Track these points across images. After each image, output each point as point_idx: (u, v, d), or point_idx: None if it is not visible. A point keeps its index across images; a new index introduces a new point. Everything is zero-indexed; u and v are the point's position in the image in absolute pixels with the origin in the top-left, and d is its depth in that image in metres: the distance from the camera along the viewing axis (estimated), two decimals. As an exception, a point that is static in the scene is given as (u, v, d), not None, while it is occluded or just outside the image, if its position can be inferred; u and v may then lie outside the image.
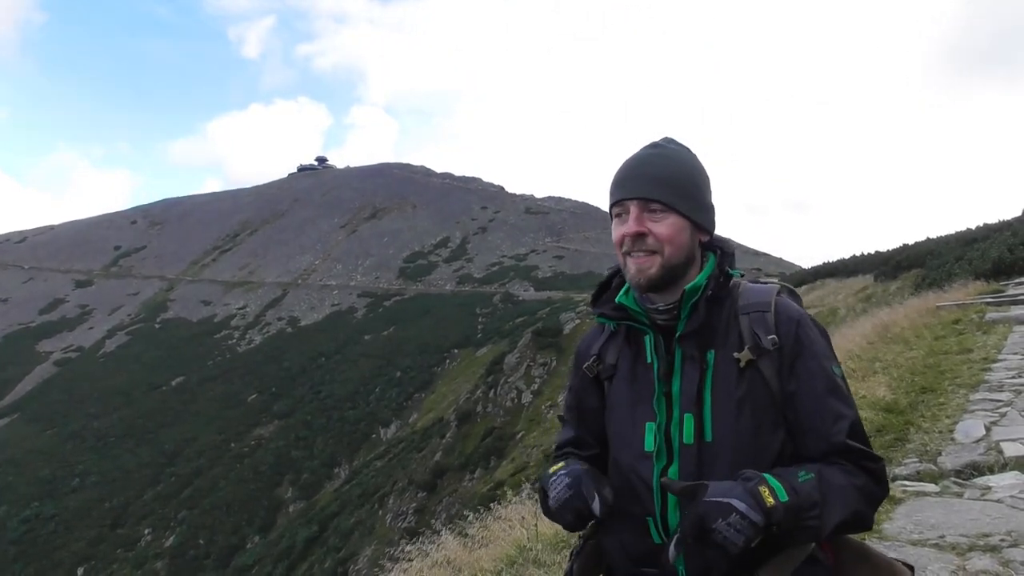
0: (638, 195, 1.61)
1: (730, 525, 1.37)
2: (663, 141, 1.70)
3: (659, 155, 1.65)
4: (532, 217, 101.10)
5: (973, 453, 4.77)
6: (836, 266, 33.10)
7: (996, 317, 10.18)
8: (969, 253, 19.58)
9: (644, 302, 1.65)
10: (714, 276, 1.62)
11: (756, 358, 1.54)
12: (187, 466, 48.86)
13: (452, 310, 67.97)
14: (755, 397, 1.54)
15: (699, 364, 1.57)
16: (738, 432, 1.52)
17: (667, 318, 1.62)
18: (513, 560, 4.63)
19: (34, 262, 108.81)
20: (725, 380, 1.55)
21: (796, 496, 1.41)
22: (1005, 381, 6.62)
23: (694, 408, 1.55)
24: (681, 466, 1.54)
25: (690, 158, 1.67)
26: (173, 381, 64.93)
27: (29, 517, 45.57)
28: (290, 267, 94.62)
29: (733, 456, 1.51)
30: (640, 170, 1.63)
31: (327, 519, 34.71)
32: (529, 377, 33.27)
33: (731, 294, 1.63)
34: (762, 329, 1.56)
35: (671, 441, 1.57)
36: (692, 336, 1.59)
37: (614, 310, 1.70)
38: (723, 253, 1.67)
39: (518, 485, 7.87)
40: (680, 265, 1.61)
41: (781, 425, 1.55)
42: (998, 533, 3.51)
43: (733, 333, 1.58)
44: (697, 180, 1.65)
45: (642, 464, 1.59)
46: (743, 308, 1.60)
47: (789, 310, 1.60)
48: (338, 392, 54.41)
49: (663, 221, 1.59)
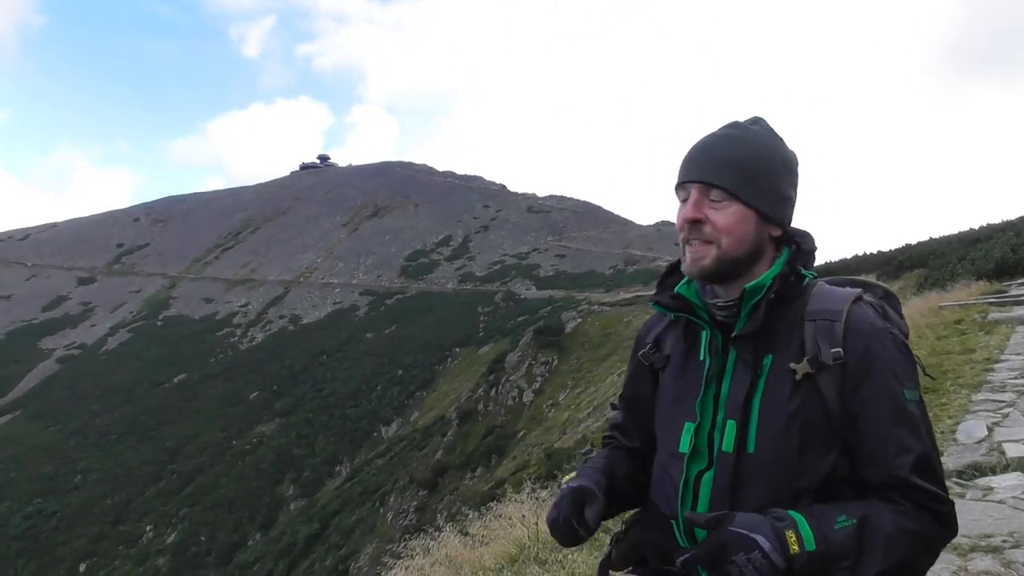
0: (699, 179, 1.47)
1: (750, 561, 1.29)
2: (748, 121, 1.55)
3: (733, 136, 1.50)
4: (534, 216, 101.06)
5: (975, 454, 4.76)
6: (838, 266, 33.03)
7: (999, 317, 10.15)
8: (972, 253, 19.53)
9: (706, 295, 1.54)
10: (782, 275, 1.47)
11: (815, 372, 1.40)
12: (189, 463, 48.90)
13: (454, 308, 67.97)
14: (808, 413, 1.41)
15: (752, 369, 1.46)
16: (782, 448, 1.41)
17: (727, 315, 1.50)
18: (514, 558, 4.63)
19: (37, 259, 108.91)
20: (778, 390, 1.43)
21: (826, 546, 1.31)
22: (1008, 381, 6.60)
23: (739, 415, 1.44)
24: (716, 475, 1.45)
25: (770, 142, 1.52)
26: (175, 378, 64.99)
27: (31, 514, 45.62)
28: (292, 265, 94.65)
29: (772, 472, 1.41)
30: (707, 152, 1.49)
31: (328, 517, 34.71)
32: (531, 376, 33.27)
33: (802, 296, 1.49)
34: (826, 341, 1.42)
35: (712, 446, 1.48)
36: (749, 338, 1.46)
37: (672, 299, 1.57)
38: (799, 250, 1.52)
39: (519, 484, 7.86)
40: (741, 259, 1.47)
41: (835, 447, 1.42)
42: (1000, 534, 3.50)
43: (795, 340, 1.45)
44: (773, 166, 1.50)
45: (674, 464, 1.53)
46: (810, 314, 1.46)
47: (862, 322, 1.44)
48: (340, 390, 54.44)
49: (724, 210, 1.46)
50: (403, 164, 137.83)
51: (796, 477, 1.41)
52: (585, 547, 4.22)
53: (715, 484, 1.45)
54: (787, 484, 1.41)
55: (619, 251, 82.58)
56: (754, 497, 1.41)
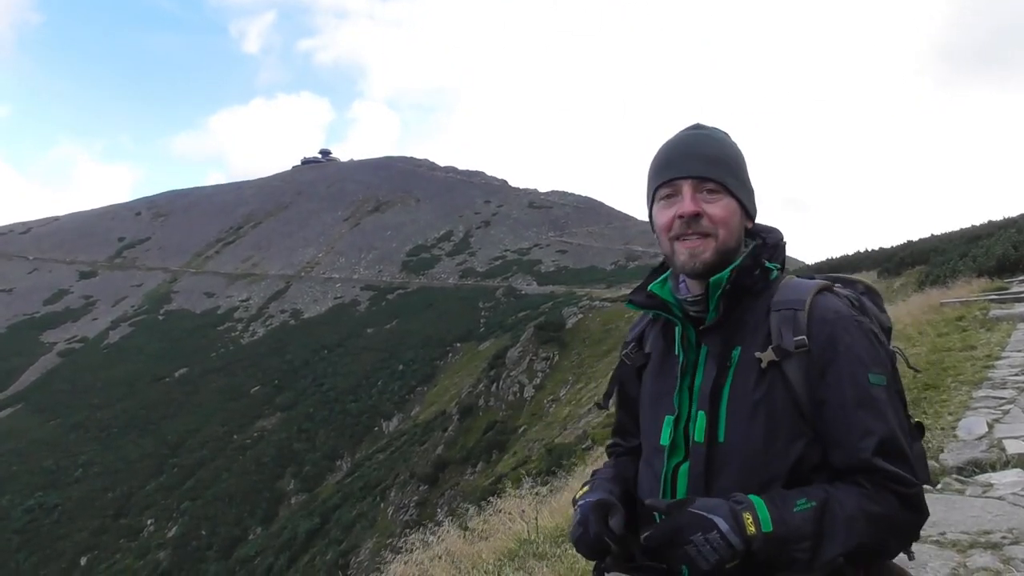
0: (693, 174, 1.51)
1: (707, 541, 1.32)
2: (698, 125, 1.61)
3: (707, 136, 1.57)
4: (535, 211, 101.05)
5: (975, 450, 4.75)
6: (839, 263, 33.03)
7: (1000, 314, 10.14)
8: (974, 250, 19.51)
9: (679, 292, 1.58)
10: (743, 267, 1.51)
11: (780, 359, 1.44)
12: (190, 457, 48.99)
13: (455, 304, 68.01)
14: (774, 401, 1.44)
15: (720, 361, 1.50)
16: (751, 436, 1.44)
17: (698, 309, 1.54)
18: (514, 553, 4.63)
19: (38, 253, 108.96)
20: (745, 380, 1.47)
21: (783, 527, 1.33)
22: (1008, 378, 6.60)
23: (708, 406, 1.48)
24: (691, 465, 1.49)
25: (733, 141, 1.60)
26: (176, 372, 65.07)
27: (32, 507, 45.74)
28: (293, 260, 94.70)
29: (743, 460, 1.44)
30: (692, 150, 1.54)
31: (329, 511, 34.78)
32: (531, 371, 33.30)
33: (770, 288, 1.53)
34: (789, 329, 1.45)
35: (688, 438, 1.51)
36: (716, 330, 1.51)
37: (646, 298, 1.62)
38: (763, 243, 1.57)
39: (519, 479, 7.88)
40: (732, 251, 1.52)
41: (805, 434, 1.44)
42: (999, 530, 3.50)
43: (762, 331, 1.49)
44: (743, 162, 1.58)
45: (657, 458, 1.56)
46: (775, 304, 1.50)
47: (826, 310, 1.48)
48: (340, 385, 54.50)
49: (718, 202, 1.50)
50: (404, 159, 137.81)
51: (766, 464, 1.44)
52: None
53: (690, 474, 1.49)
54: (758, 472, 1.44)
55: (620, 247, 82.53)
56: (727, 485, 1.44)
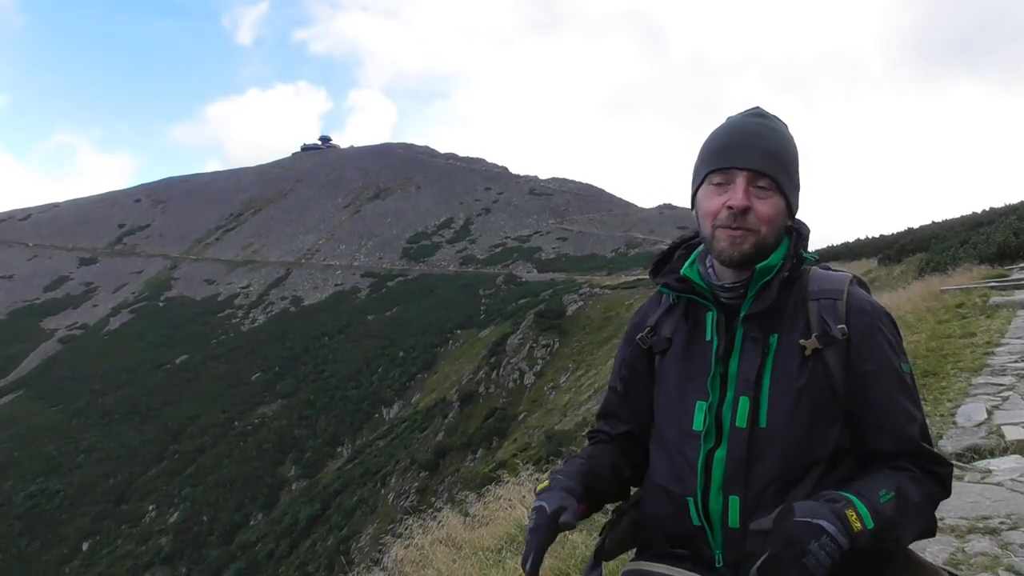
0: (750, 167, 1.49)
1: (821, 547, 1.30)
2: (761, 111, 1.60)
3: (769, 127, 1.55)
4: (536, 198, 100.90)
5: (974, 436, 4.76)
6: (840, 250, 33.03)
7: (1000, 301, 10.13)
8: (974, 237, 19.49)
9: (709, 278, 1.58)
10: (788, 257, 1.53)
11: (823, 347, 1.47)
12: (191, 444, 49.17)
13: (455, 291, 68.00)
14: (815, 387, 1.47)
15: (761, 347, 1.51)
16: (794, 421, 1.46)
17: (731, 296, 1.54)
18: (513, 538, 4.64)
19: (38, 240, 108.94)
20: (786, 366, 1.48)
21: (880, 520, 1.35)
22: (1008, 365, 6.59)
23: (751, 391, 1.48)
24: (729, 450, 1.49)
25: (790, 135, 1.58)
26: (177, 359, 65.21)
27: (34, 492, 45.96)
28: (293, 247, 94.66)
29: (784, 445, 1.46)
30: (752, 140, 1.52)
31: (329, 497, 34.92)
32: (532, 358, 33.35)
33: (801, 278, 1.56)
34: (832, 318, 1.49)
35: (721, 423, 1.51)
36: (757, 317, 1.51)
37: (678, 281, 1.61)
38: (798, 235, 1.58)
39: (519, 466, 7.91)
40: (771, 247, 1.52)
41: (838, 420, 1.49)
42: (997, 516, 3.51)
43: (800, 319, 1.51)
44: (796, 159, 1.57)
45: (688, 443, 1.54)
46: (813, 294, 1.53)
47: (862, 301, 1.53)
48: (341, 372, 54.59)
49: (768, 200, 1.50)
50: (404, 146, 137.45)
51: (808, 449, 1.47)
52: (584, 528, 4.24)
53: (729, 459, 1.49)
54: (799, 456, 1.46)
55: (621, 234, 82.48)
56: (767, 470, 1.46)
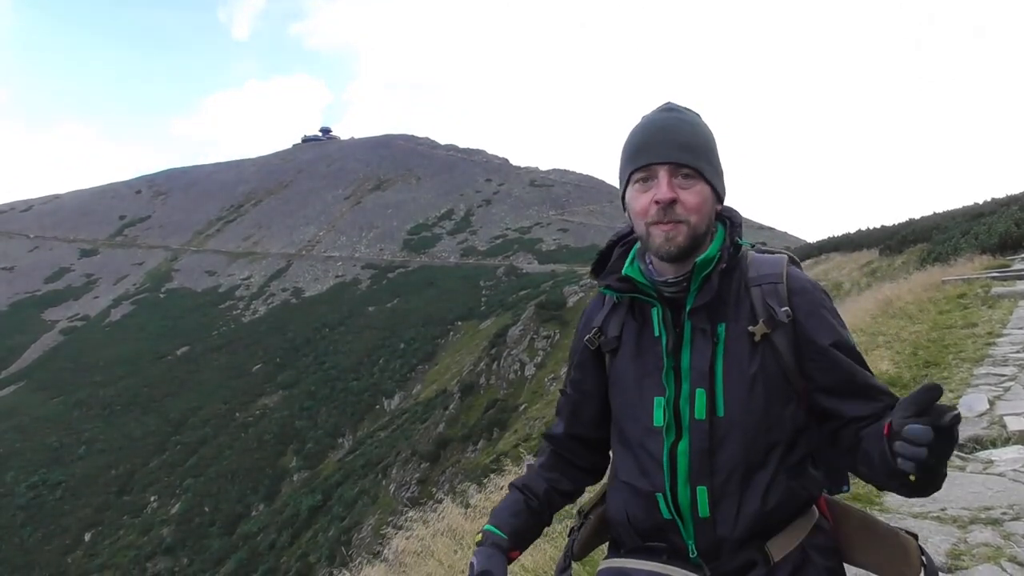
0: (670, 160, 1.51)
1: None
2: (672, 105, 1.61)
3: (682, 120, 1.56)
4: (536, 190, 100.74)
5: (976, 427, 4.76)
6: (841, 240, 32.97)
7: (1002, 292, 10.12)
8: (976, 227, 19.43)
9: (651, 274, 1.59)
10: (725, 247, 1.55)
11: (771, 331, 1.49)
12: (192, 435, 49.29)
13: (456, 282, 68.02)
14: (768, 372, 1.49)
15: (710, 338, 1.52)
16: (750, 407, 1.48)
17: (675, 290, 1.55)
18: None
19: (39, 231, 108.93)
20: (737, 354, 1.50)
21: None
22: (1010, 355, 6.59)
23: (706, 383, 1.50)
24: (692, 441, 1.50)
25: (704, 123, 1.60)
26: (178, 351, 65.29)
27: (36, 483, 46.12)
28: (294, 238, 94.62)
29: (744, 432, 1.48)
30: (668, 135, 1.54)
31: (331, 488, 35.01)
32: (532, 350, 33.34)
33: (739, 265, 1.57)
34: (775, 301, 1.51)
35: (680, 416, 1.52)
36: (703, 309, 1.53)
37: (620, 281, 1.62)
38: (732, 223, 1.60)
39: (520, 457, 7.91)
40: (703, 236, 1.54)
41: (792, 399, 1.51)
42: (1000, 506, 3.51)
43: (744, 306, 1.53)
44: (715, 146, 1.58)
45: (651, 439, 1.54)
46: (754, 280, 1.54)
47: (802, 281, 1.55)
48: (342, 363, 54.66)
49: (692, 189, 1.51)
50: (405, 137, 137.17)
51: (766, 432, 1.49)
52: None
53: (692, 451, 1.50)
54: (759, 440, 1.49)
55: (621, 225, 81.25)
56: (730, 457, 1.49)
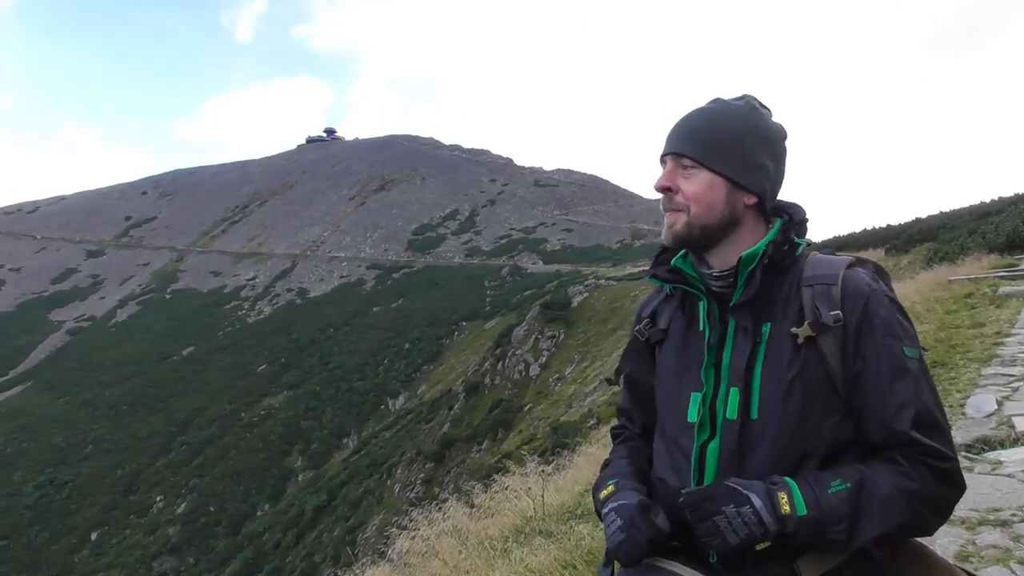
0: (672, 150, 1.54)
1: (739, 515, 1.32)
2: (735, 97, 1.59)
3: (707, 110, 1.56)
4: (541, 190, 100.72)
5: (984, 427, 4.72)
6: (847, 240, 32.89)
7: (1010, 291, 10.06)
8: (983, 227, 19.38)
9: (700, 267, 1.57)
10: (775, 243, 1.49)
11: (816, 335, 1.42)
12: (198, 435, 49.41)
13: (460, 282, 68.06)
14: (809, 377, 1.43)
15: (752, 336, 1.48)
16: (786, 412, 1.43)
17: (723, 285, 1.52)
18: (520, 529, 4.63)
19: (46, 232, 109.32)
20: (778, 356, 1.45)
21: (818, 510, 1.33)
22: (1018, 355, 6.54)
23: (741, 383, 1.46)
24: (722, 442, 1.46)
25: (747, 114, 1.54)
26: (184, 351, 65.44)
27: (43, 483, 46.27)
28: (299, 239, 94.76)
29: (777, 436, 1.43)
30: (680, 127, 1.55)
31: (336, 488, 35.08)
32: (537, 350, 33.34)
33: (796, 264, 1.51)
34: (825, 304, 1.44)
35: (715, 414, 1.49)
36: (747, 306, 1.49)
37: (669, 272, 1.60)
38: (791, 219, 1.55)
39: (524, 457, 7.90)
40: (713, 226, 1.51)
41: (838, 409, 1.44)
42: (1009, 508, 3.48)
43: (793, 306, 1.47)
44: (744, 137, 1.52)
45: (684, 435, 1.52)
46: (807, 280, 1.48)
47: (859, 283, 1.46)
48: (347, 363, 54.74)
49: (692, 178, 1.51)
50: (409, 137, 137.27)
51: (801, 440, 1.43)
52: (591, 521, 4.23)
53: (721, 451, 1.47)
54: (792, 447, 1.43)
55: (626, 225, 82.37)
56: (760, 462, 1.44)
